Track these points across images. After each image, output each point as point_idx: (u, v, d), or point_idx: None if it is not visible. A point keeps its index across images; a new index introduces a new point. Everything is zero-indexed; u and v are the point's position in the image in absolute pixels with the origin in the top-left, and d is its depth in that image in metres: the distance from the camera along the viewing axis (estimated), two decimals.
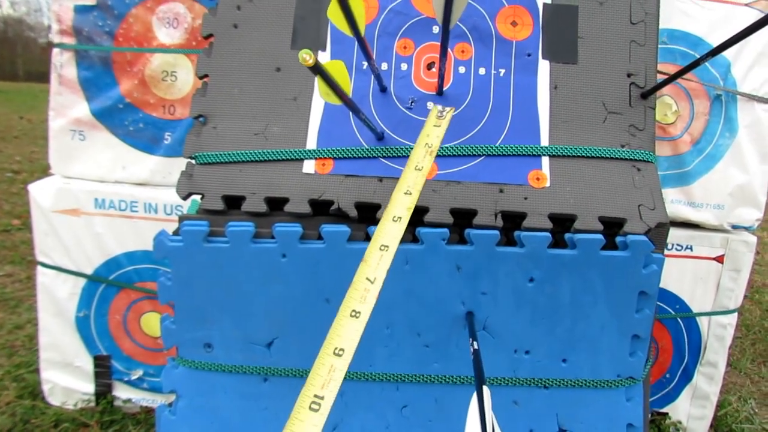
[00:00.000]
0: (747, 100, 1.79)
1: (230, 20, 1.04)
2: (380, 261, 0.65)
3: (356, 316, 0.61)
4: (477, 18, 1.02)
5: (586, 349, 0.94)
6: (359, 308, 0.62)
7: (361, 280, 0.64)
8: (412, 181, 0.74)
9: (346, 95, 0.73)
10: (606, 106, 0.99)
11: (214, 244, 0.93)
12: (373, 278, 0.64)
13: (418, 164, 0.76)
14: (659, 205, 0.93)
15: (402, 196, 0.72)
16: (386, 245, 0.67)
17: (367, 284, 0.64)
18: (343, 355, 0.58)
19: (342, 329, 0.60)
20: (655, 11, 1.03)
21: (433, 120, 0.82)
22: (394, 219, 0.69)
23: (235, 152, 0.98)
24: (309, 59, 0.55)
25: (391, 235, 0.67)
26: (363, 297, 0.64)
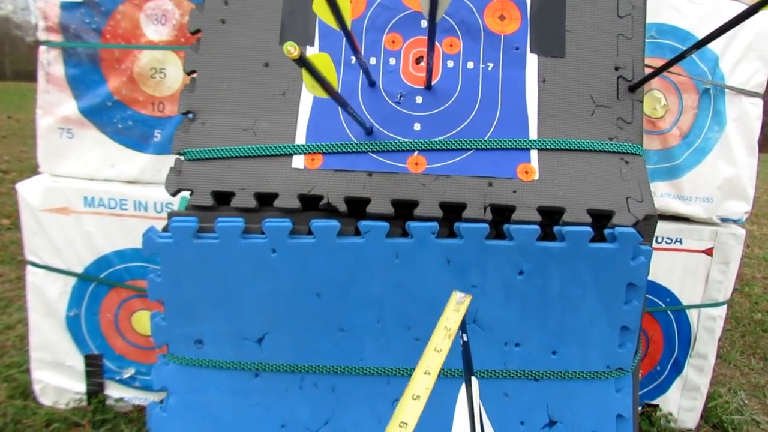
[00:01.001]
0: (735, 93, 1.81)
1: (218, 16, 1.04)
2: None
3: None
4: (465, 12, 1.02)
5: (575, 341, 0.94)
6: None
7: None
8: (432, 362, 0.77)
9: (332, 88, 0.73)
10: (594, 99, 1.00)
11: (203, 240, 0.93)
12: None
13: (437, 346, 0.79)
14: (647, 198, 0.94)
15: (422, 376, 0.75)
16: (405, 422, 0.69)
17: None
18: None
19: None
20: (642, 4, 1.04)
21: (453, 306, 0.85)
22: (414, 397, 0.72)
23: (223, 148, 0.98)
24: (294, 51, 0.55)
25: (410, 413, 0.69)
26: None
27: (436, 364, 0.77)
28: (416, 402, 0.71)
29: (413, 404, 0.71)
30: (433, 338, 0.81)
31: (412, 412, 0.70)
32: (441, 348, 0.79)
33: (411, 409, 0.70)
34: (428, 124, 0.98)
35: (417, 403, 0.71)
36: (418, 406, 0.71)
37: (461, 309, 0.85)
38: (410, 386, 0.73)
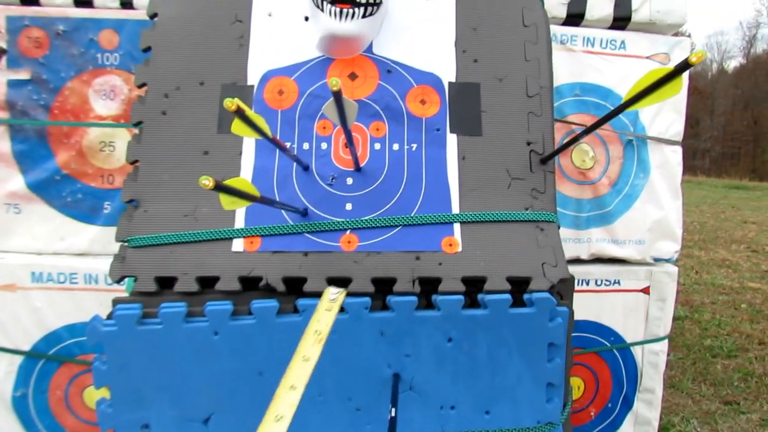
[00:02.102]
0: (656, 143, 1.95)
1: (159, 107, 1.10)
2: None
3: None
4: (389, 98, 1.11)
5: (506, 400, 1.01)
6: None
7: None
8: (299, 373, 0.76)
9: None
10: (510, 172, 1.09)
11: (147, 326, 0.97)
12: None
13: (305, 354, 0.77)
14: (561, 262, 1.03)
15: (287, 392, 0.73)
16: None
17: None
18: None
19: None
20: (548, 84, 1.15)
21: (325, 305, 0.87)
22: (277, 418, 0.70)
23: (166, 234, 1.03)
24: (208, 183, 0.61)
25: (287, 404, 0.70)
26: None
27: (304, 375, 0.75)
28: (279, 423, 0.70)
29: (276, 426, 0.70)
30: (302, 344, 0.79)
31: (288, 403, 0.71)
32: (309, 356, 0.78)
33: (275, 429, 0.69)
34: (359, 203, 1.05)
35: (280, 423, 0.70)
36: (282, 426, 0.69)
37: (334, 307, 0.87)
38: (273, 406, 0.72)
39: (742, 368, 3.05)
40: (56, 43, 1.64)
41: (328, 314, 0.84)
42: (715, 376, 2.95)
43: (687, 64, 0.68)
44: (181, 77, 1.11)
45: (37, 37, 1.64)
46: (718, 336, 3.52)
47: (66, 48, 1.65)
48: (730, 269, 5.30)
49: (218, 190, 0.68)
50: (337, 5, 1.07)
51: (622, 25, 1.90)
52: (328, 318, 0.83)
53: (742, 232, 7.39)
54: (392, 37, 1.15)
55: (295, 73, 1.12)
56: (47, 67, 1.65)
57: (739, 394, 2.76)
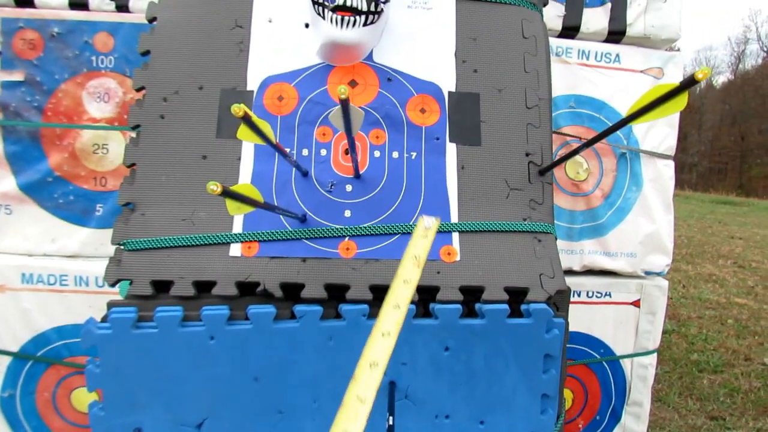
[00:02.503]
0: (649, 156, 1.97)
1: (157, 111, 1.10)
2: (370, 379, 0.69)
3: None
4: (389, 106, 1.11)
5: (501, 411, 1.01)
6: (351, 428, 0.65)
7: (352, 399, 0.68)
8: (401, 294, 0.76)
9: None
10: (508, 183, 1.10)
11: (142, 330, 0.96)
12: (363, 397, 0.67)
13: (406, 278, 0.78)
14: (558, 273, 1.03)
15: (392, 310, 0.74)
16: (376, 362, 0.70)
17: (358, 404, 0.67)
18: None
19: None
20: (547, 96, 1.16)
21: (421, 232, 0.86)
22: (384, 334, 0.72)
23: (163, 238, 1.02)
24: (216, 189, 0.61)
25: (381, 351, 0.70)
26: (355, 416, 0.67)
27: (406, 297, 0.76)
28: (386, 339, 0.71)
29: (384, 341, 0.71)
30: (401, 269, 0.79)
31: (383, 350, 0.70)
32: (410, 279, 0.78)
33: (382, 346, 0.71)
34: (358, 211, 1.05)
35: (388, 339, 0.71)
36: (389, 342, 0.71)
37: (429, 235, 0.85)
38: (380, 322, 0.73)
39: (729, 384, 3.07)
40: (50, 45, 1.64)
41: (425, 240, 0.82)
42: (701, 391, 2.97)
43: (693, 80, 0.69)
44: (180, 81, 1.11)
45: (31, 39, 1.63)
46: (704, 351, 3.54)
47: (60, 50, 1.64)
48: (716, 284, 5.35)
49: (225, 196, 0.68)
50: (338, 13, 1.08)
51: (617, 38, 1.93)
52: (425, 244, 0.82)
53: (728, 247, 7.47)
54: (393, 45, 1.15)
55: (296, 80, 1.12)
56: (41, 69, 1.64)
57: (725, 410, 2.78)
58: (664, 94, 0.74)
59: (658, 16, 1.92)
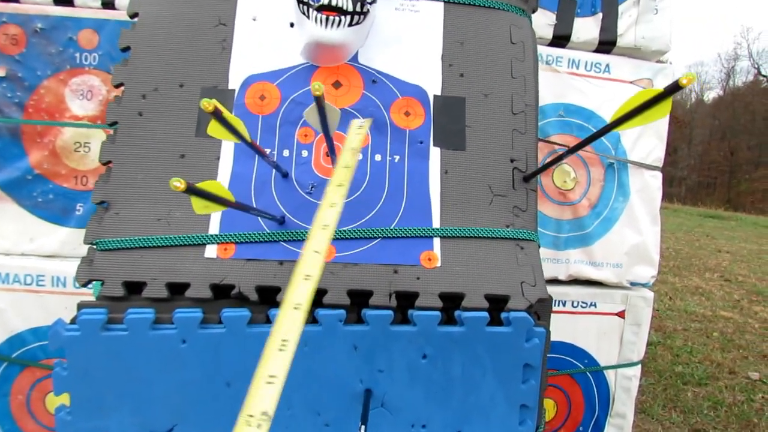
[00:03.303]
0: (636, 167, 1.97)
1: (135, 108, 1.07)
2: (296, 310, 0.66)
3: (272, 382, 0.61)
4: (373, 108, 1.10)
5: (478, 421, 0.99)
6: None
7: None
8: (343, 177, 0.78)
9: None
10: (492, 189, 1.08)
11: (112, 332, 0.93)
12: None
13: (347, 163, 0.80)
14: (540, 282, 1.02)
15: (329, 205, 0.75)
16: (299, 303, 0.68)
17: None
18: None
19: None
20: (534, 103, 1.15)
21: (355, 129, 0.89)
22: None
23: (136, 238, 1.00)
24: (180, 185, 0.59)
25: (303, 293, 0.69)
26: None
27: (347, 178, 0.79)
28: (308, 282, 0.70)
29: (305, 284, 0.69)
30: (341, 158, 0.82)
31: (313, 265, 0.70)
32: (349, 164, 0.81)
33: (312, 262, 0.70)
34: None
35: (309, 282, 0.70)
36: (311, 286, 0.70)
37: (362, 131, 0.89)
38: (318, 217, 0.73)
39: (712, 397, 3.07)
40: (33, 40, 1.61)
41: (358, 136, 0.85)
42: (685, 404, 2.96)
43: (677, 86, 0.68)
44: (160, 78, 1.09)
45: (14, 34, 1.61)
46: (689, 363, 3.54)
47: (43, 46, 1.62)
48: (702, 297, 5.37)
49: (190, 193, 0.65)
50: (323, 12, 1.06)
51: (607, 49, 1.93)
52: (360, 137, 0.84)
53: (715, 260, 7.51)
54: (378, 47, 1.14)
55: (278, 79, 1.10)
56: (23, 65, 1.61)
57: (709, 423, 2.77)
58: (648, 100, 0.73)
59: (648, 28, 1.93)
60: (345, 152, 0.84)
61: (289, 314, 0.65)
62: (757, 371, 3.47)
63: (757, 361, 3.68)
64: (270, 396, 0.59)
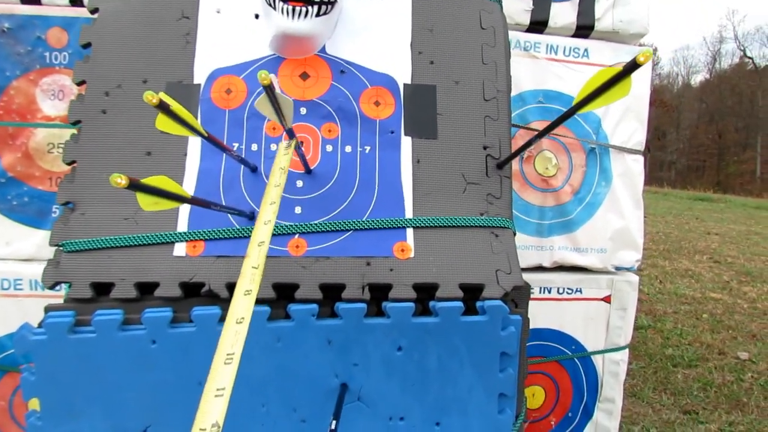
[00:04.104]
0: (618, 151, 1.96)
1: (98, 106, 1.05)
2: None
3: (221, 395, 0.63)
4: (342, 99, 1.08)
5: (457, 412, 0.98)
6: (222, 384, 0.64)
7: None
8: (274, 194, 0.81)
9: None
10: (465, 177, 1.07)
11: (80, 334, 0.91)
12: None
13: (277, 182, 0.83)
14: (515, 269, 1.01)
15: (262, 226, 0.78)
16: (242, 318, 0.70)
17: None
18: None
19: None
20: (506, 88, 1.13)
21: (283, 150, 0.91)
22: (259, 244, 0.76)
23: (104, 238, 0.98)
24: (121, 181, 0.57)
25: (244, 307, 0.71)
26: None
27: (278, 196, 0.84)
28: (261, 246, 0.75)
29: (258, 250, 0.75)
30: (272, 177, 0.87)
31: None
32: (279, 183, 0.86)
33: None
34: (308, 207, 1.01)
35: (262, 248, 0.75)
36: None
37: (290, 151, 0.93)
38: (254, 235, 0.78)
39: (702, 378, 3.08)
40: (1, 41, 1.58)
41: (286, 156, 0.89)
42: (675, 386, 2.98)
43: (635, 64, 0.66)
44: (123, 75, 1.06)
45: None
46: (679, 345, 3.56)
47: (11, 46, 1.58)
48: (692, 279, 5.40)
49: (134, 189, 0.63)
50: (290, 3, 1.04)
51: (586, 33, 1.91)
52: (287, 157, 0.89)
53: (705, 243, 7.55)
54: (346, 37, 1.12)
55: (244, 72, 1.08)
56: None
57: (698, 404, 2.78)
58: (608, 79, 0.72)
59: (626, 11, 1.91)
60: (275, 172, 0.87)
61: (231, 328, 0.68)
62: (746, 351, 3.49)
63: (746, 341, 3.70)
64: (219, 408, 0.62)
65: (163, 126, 0.72)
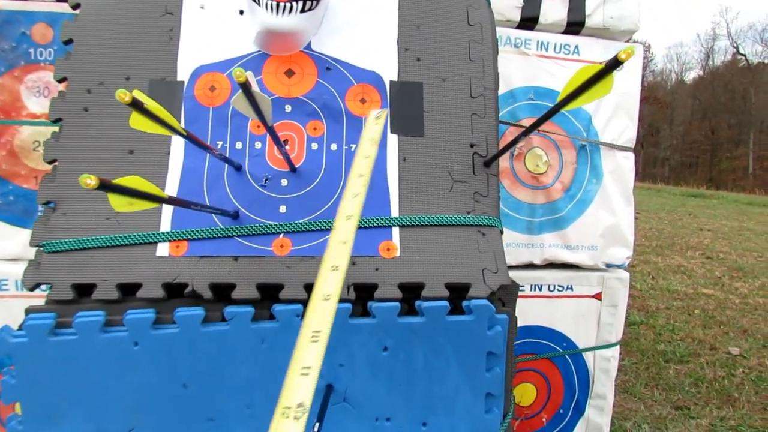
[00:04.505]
0: (609, 148, 1.96)
1: (80, 104, 1.03)
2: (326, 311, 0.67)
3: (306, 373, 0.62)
4: (327, 96, 1.06)
5: (443, 412, 0.97)
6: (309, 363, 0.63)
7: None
8: (363, 166, 0.80)
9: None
10: (452, 175, 1.06)
11: (61, 336, 0.90)
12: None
13: (366, 153, 0.82)
14: (502, 268, 1.00)
15: (351, 198, 0.78)
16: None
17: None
18: None
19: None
20: (493, 85, 1.12)
21: (372, 120, 0.90)
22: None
23: (85, 238, 0.96)
24: (91, 182, 0.56)
25: (340, 256, 0.70)
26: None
27: (368, 168, 0.82)
28: (350, 220, 0.74)
29: (341, 248, 0.72)
30: (360, 149, 0.85)
31: (340, 256, 0.71)
32: (369, 155, 0.84)
33: (339, 252, 0.72)
34: (293, 206, 1.00)
35: (351, 221, 0.74)
36: (346, 249, 0.73)
37: (380, 121, 0.92)
38: (341, 208, 0.77)
39: (694, 373, 3.09)
40: None
41: (376, 127, 0.87)
42: (667, 381, 2.99)
43: (617, 61, 0.65)
44: (105, 72, 1.05)
45: None
46: (671, 341, 3.57)
47: None
48: (685, 275, 5.42)
49: (104, 190, 0.62)
50: None
51: (576, 30, 1.91)
52: (378, 127, 0.87)
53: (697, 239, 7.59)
54: (332, 33, 1.10)
55: (229, 69, 1.06)
56: None
57: (690, 399, 2.79)
58: (590, 76, 0.71)
59: (617, 8, 1.90)
60: (364, 142, 0.85)
61: (319, 306, 0.66)
62: (738, 346, 3.50)
63: (738, 336, 3.71)
64: (305, 387, 0.61)
65: (138, 124, 0.70)
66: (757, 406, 2.73)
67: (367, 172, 0.82)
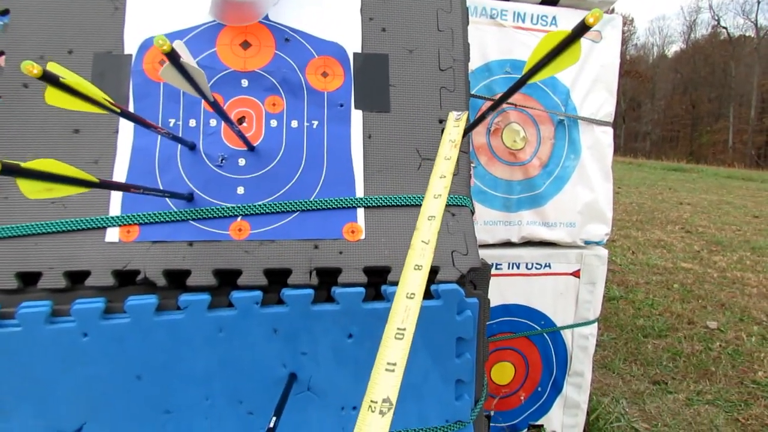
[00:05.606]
0: (587, 123, 1.92)
1: (19, 80, 0.96)
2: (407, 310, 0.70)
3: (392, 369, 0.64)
4: (287, 70, 1.00)
5: (412, 399, 0.94)
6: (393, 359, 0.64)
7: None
8: (445, 168, 0.84)
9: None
10: (420, 152, 1.01)
11: (4, 328, 0.84)
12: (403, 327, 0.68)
13: (447, 155, 0.85)
14: (472, 250, 0.96)
15: (432, 200, 0.82)
16: (413, 293, 0.71)
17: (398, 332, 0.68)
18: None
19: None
20: (463, 58, 1.07)
21: (452, 123, 0.92)
22: (429, 218, 0.78)
23: (29, 224, 0.90)
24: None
25: (415, 283, 0.72)
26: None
27: (449, 170, 0.87)
28: (432, 221, 0.79)
29: (424, 247, 0.76)
30: (440, 151, 0.90)
31: (423, 255, 0.75)
32: (450, 156, 0.89)
33: (422, 252, 0.76)
34: (252, 187, 0.95)
35: (433, 222, 0.79)
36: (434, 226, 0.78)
37: (461, 124, 0.95)
38: (423, 209, 0.83)
39: (672, 348, 3.12)
40: None
41: (458, 128, 0.90)
42: (645, 356, 3.00)
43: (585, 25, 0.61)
44: (45, 45, 0.97)
45: None
46: (650, 316, 3.59)
47: None
48: (664, 249, 5.46)
49: (11, 175, 0.56)
50: None
51: (553, 0, 1.85)
52: (459, 129, 0.90)
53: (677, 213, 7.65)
54: (292, 2, 1.04)
55: (181, 40, 0.99)
56: None
57: (668, 374, 2.81)
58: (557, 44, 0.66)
59: None
60: (444, 144, 0.89)
61: (402, 303, 0.71)
62: (715, 320, 3.54)
63: (716, 310, 3.75)
64: (390, 383, 0.63)
65: (56, 101, 0.64)
66: (733, 380, 2.76)
67: (449, 174, 0.86)
